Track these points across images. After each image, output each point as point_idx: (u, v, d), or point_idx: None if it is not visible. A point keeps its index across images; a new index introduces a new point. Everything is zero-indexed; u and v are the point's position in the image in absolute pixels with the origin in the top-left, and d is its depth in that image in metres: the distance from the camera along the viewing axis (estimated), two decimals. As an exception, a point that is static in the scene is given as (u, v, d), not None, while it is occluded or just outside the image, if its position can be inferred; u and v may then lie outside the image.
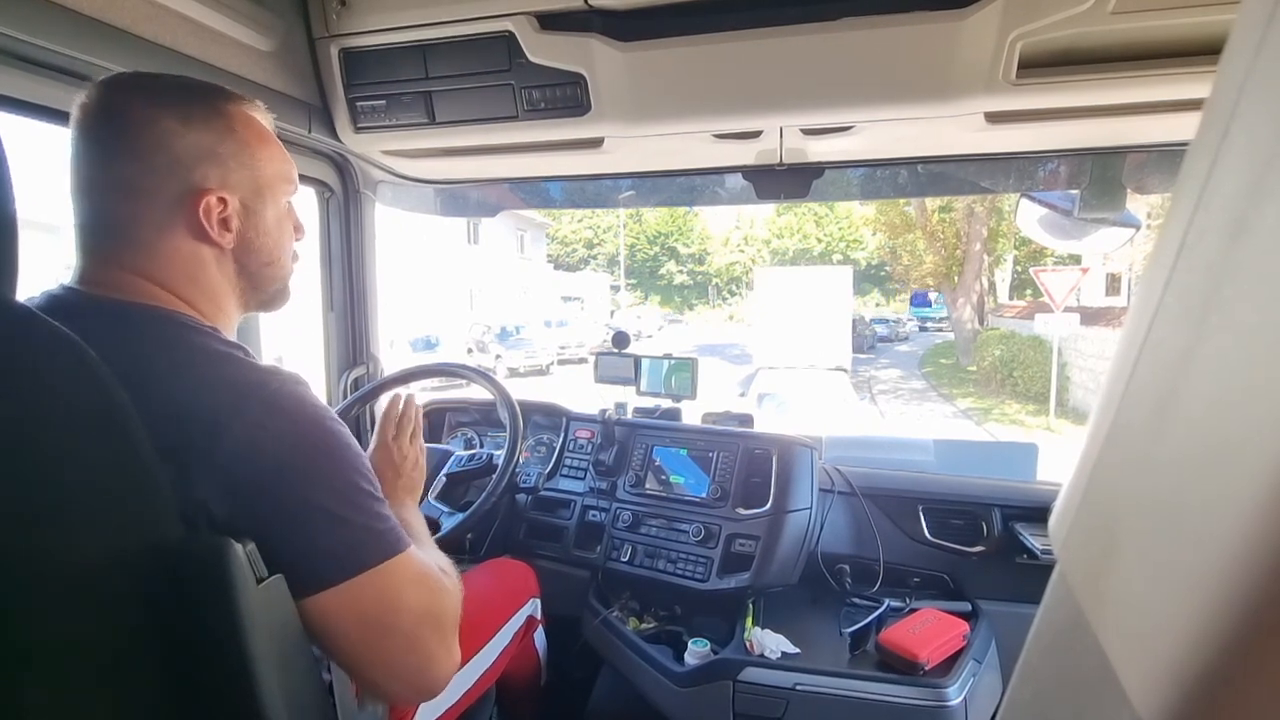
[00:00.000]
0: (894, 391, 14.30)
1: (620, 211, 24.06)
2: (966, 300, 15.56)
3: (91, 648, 0.50)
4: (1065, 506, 0.30)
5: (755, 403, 8.14)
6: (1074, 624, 0.27)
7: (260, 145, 0.70)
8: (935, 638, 1.13)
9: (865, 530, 1.41)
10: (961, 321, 15.97)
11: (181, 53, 0.98)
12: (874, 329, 22.03)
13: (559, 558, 1.47)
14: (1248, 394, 0.19)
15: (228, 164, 0.67)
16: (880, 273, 28.21)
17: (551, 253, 33.54)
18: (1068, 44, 0.98)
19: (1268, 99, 0.21)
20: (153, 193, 0.64)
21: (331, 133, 1.30)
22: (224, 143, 0.67)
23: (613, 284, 31.74)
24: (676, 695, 1.17)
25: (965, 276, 15.37)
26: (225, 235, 0.68)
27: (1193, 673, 0.19)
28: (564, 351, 17.71)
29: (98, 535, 0.51)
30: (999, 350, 12.64)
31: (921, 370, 16.87)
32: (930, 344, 21.67)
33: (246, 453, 0.58)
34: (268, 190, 0.71)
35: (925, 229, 15.66)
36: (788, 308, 12.87)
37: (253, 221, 0.70)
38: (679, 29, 1.05)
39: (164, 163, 0.63)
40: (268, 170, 0.71)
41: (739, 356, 17.78)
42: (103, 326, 0.57)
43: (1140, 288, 0.27)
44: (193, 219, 0.65)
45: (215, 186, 0.66)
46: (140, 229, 0.64)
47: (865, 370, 16.48)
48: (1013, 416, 10.74)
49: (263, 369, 0.64)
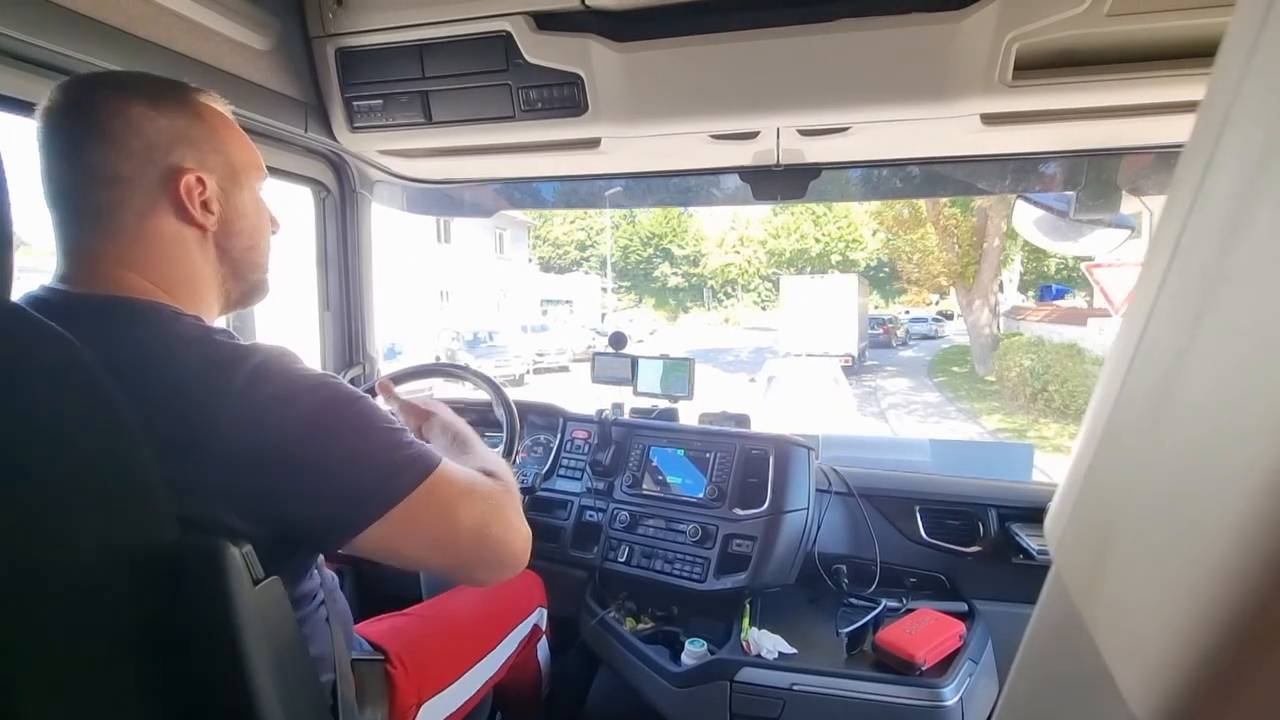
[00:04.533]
0: (906, 406, 12.71)
1: (609, 211, 23.68)
2: (984, 302, 14.02)
3: (87, 648, 0.50)
4: (1061, 507, 0.30)
5: (764, 383, 9.65)
6: (1069, 624, 0.27)
7: (227, 131, 0.71)
8: (932, 638, 1.13)
9: (862, 530, 1.41)
10: (978, 326, 14.29)
11: (177, 52, 0.97)
12: (907, 328, 22.70)
13: (556, 558, 1.47)
14: (1242, 395, 0.19)
15: (201, 147, 0.68)
16: (880, 274, 28.06)
17: (543, 255, 32.91)
18: (1064, 46, 0.98)
19: (1262, 101, 0.21)
20: (132, 179, 0.64)
21: (328, 132, 1.30)
22: (194, 127, 0.67)
23: (604, 286, 31.40)
24: (673, 695, 1.17)
25: (982, 275, 13.89)
26: (208, 217, 0.68)
27: (1187, 672, 0.19)
28: (541, 359, 16.41)
29: (94, 535, 0.51)
30: (1028, 360, 10.99)
31: (933, 380, 15.33)
32: (935, 349, 20.63)
33: (245, 426, 0.58)
34: (242, 174, 0.72)
35: (937, 223, 14.20)
36: (807, 307, 15.94)
37: (232, 204, 0.71)
38: (676, 29, 1.05)
39: (139, 147, 0.64)
40: (239, 155, 0.72)
41: (733, 364, 17.20)
42: (88, 324, 0.56)
43: (1135, 289, 0.27)
44: (175, 200, 0.66)
45: (193, 166, 0.66)
46: (122, 215, 0.64)
47: (871, 379, 15.39)
48: (1054, 441, 8.87)
49: (245, 345, 0.64)
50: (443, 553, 0.69)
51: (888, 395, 13.67)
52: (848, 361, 14.32)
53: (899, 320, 23.08)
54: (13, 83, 0.83)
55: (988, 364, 13.65)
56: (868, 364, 16.89)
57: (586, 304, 26.54)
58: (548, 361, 16.63)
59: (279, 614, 0.60)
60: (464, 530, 0.68)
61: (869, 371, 16.37)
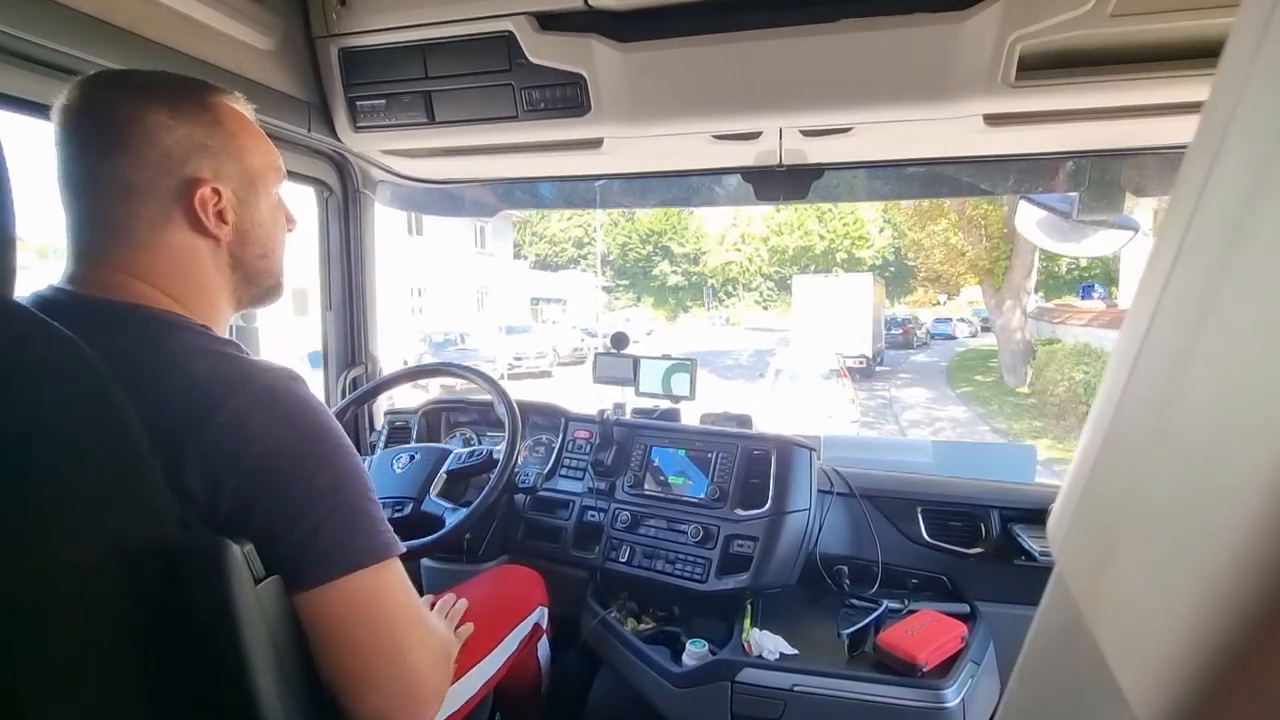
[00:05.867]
0: (929, 422, 11.18)
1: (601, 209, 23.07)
2: (1015, 303, 12.17)
3: (88, 646, 0.50)
4: (1063, 508, 0.30)
5: (772, 377, 9.97)
6: (1072, 626, 0.27)
7: (247, 136, 0.70)
8: (933, 639, 1.13)
9: (864, 531, 1.41)
10: (1009, 329, 12.28)
11: (181, 51, 0.98)
12: (928, 329, 22.50)
13: (557, 558, 1.47)
14: (1245, 396, 0.19)
15: (219, 156, 0.67)
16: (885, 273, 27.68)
17: (540, 251, 32.29)
18: (1067, 46, 0.98)
19: (1266, 102, 0.21)
20: (147, 189, 0.63)
21: (331, 132, 1.30)
22: (213, 135, 0.66)
23: (605, 284, 30.75)
24: (674, 696, 1.17)
25: (1013, 273, 11.98)
26: (222, 227, 0.68)
27: (1191, 674, 0.19)
28: (519, 364, 14.67)
29: (95, 534, 0.51)
30: (1080, 373, 9.23)
31: (956, 390, 13.41)
32: (948, 353, 19.09)
33: (233, 444, 0.58)
34: (259, 180, 0.71)
35: (963, 214, 12.71)
36: (820, 308, 15.67)
37: (247, 213, 0.70)
38: (679, 30, 1.05)
39: (156, 158, 0.63)
40: (257, 161, 0.71)
41: (731, 369, 16.29)
42: (94, 327, 0.56)
43: (1139, 289, 0.27)
44: (189, 212, 0.65)
45: (209, 178, 0.66)
46: (136, 227, 0.64)
47: (884, 388, 13.83)
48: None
49: (255, 364, 0.64)
50: (355, 653, 0.62)
51: (906, 408, 12.16)
52: (861, 363, 14.09)
53: (918, 320, 22.77)
54: (18, 82, 0.83)
55: (1019, 374, 12.21)
56: (878, 369, 15.72)
57: (582, 302, 25.73)
58: (526, 366, 14.98)
59: (280, 613, 0.60)
60: (388, 635, 0.64)
61: (880, 379, 15.05)
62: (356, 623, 0.62)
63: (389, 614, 0.64)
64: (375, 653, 0.64)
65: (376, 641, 0.64)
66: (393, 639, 0.64)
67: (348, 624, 0.62)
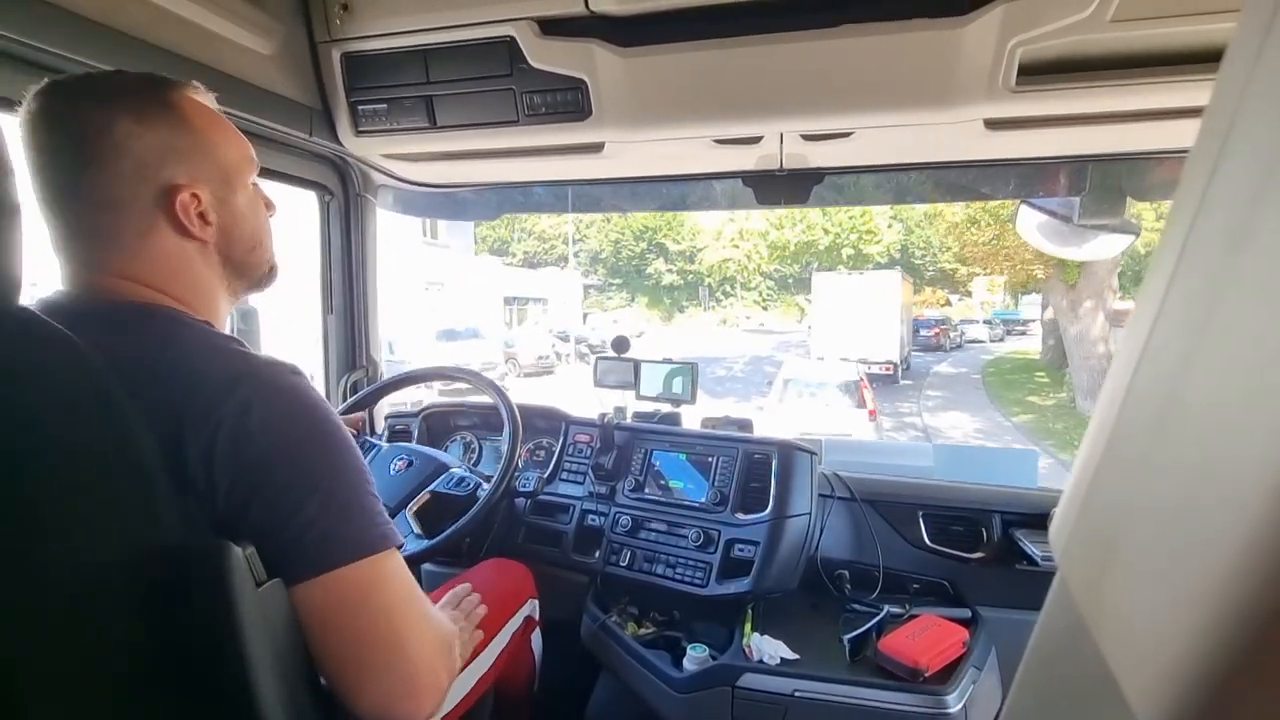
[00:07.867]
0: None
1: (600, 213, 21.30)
2: (1097, 304, 9.51)
3: (89, 650, 0.50)
4: (1065, 513, 0.30)
5: (780, 388, 9.09)
6: (1074, 631, 0.27)
7: (215, 131, 0.70)
8: (935, 644, 1.12)
9: (865, 536, 1.40)
10: (1087, 339, 9.70)
11: (183, 56, 0.98)
12: (961, 330, 21.61)
13: (557, 562, 1.47)
14: (1248, 401, 0.19)
15: (191, 156, 0.66)
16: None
17: (528, 249, 30.93)
18: (1067, 51, 0.98)
19: (1267, 106, 0.21)
20: (128, 200, 0.63)
21: (332, 136, 1.31)
22: (181, 136, 0.66)
23: (596, 283, 28.91)
24: (675, 701, 1.17)
25: (1095, 269, 9.20)
26: (206, 229, 0.68)
27: (1194, 680, 0.19)
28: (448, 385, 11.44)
29: (97, 536, 0.51)
30: None
31: (1010, 417, 10.59)
32: (975, 362, 16.61)
33: (235, 436, 0.58)
34: (234, 175, 0.71)
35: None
36: (843, 307, 14.29)
37: (228, 210, 0.70)
38: (679, 34, 1.05)
39: (129, 168, 0.63)
40: (229, 155, 0.70)
41: (724, 379, 14.99)
42: (96, 327, 0.57)
43: (1141, 293, 0.27)
44: (172, 218, 0.65)
45: (185, 182, 0.66)
46: (123, 235, 0.64)
47: (909, 409, 11.44)
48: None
49: (258, 358, 0.64)
50: (354, 642, 0.63)
51: (941, 438, 9.63)
52: (889, 369, 13.31)
53: (950, 320, 21.80)
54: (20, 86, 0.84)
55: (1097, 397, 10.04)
56: (902, 384, 14.12)
57: (567, 301, 22.88)
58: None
59: (282, 616, 0.60)
60: (386, 625, 0.64)
61: (907, 397, 12.74)
62: (354, 612, 0.63)
63: (387, 604, 0.65)
64: (373, 642, 0.64)
65: (375, 631, 0.64)
66: (391, 628, 0.64)
67: (345, 614, 0.63)
